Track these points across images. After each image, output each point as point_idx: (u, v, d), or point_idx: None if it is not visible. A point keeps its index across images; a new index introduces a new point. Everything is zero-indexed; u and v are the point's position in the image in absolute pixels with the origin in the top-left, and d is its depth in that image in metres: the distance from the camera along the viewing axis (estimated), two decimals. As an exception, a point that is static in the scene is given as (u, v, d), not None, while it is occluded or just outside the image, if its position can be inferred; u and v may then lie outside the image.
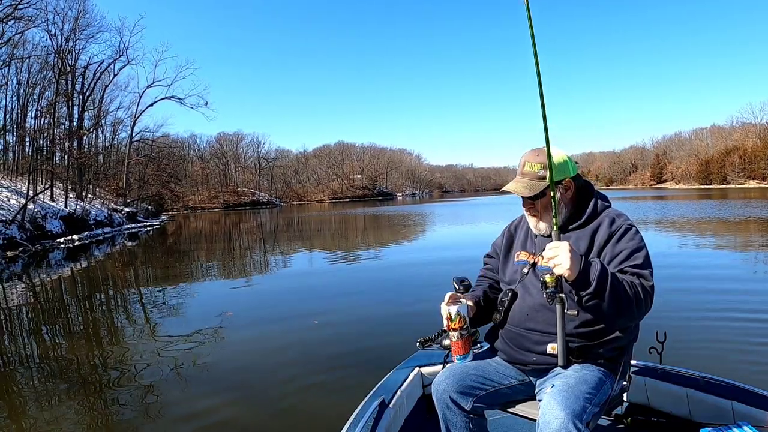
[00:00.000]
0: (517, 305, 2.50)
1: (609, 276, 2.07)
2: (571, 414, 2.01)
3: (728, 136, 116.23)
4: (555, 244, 2.09)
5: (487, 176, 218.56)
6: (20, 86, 42.06)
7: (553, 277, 2.11)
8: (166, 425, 4.72)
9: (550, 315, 2.32)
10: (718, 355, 5.78)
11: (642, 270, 2.21)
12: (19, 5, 32.29)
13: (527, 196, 2.46)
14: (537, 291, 2.39)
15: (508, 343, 2.52)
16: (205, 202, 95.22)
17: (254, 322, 8.54)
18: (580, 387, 2.17)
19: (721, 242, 17.03)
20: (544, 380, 2.41)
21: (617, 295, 2.07)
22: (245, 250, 23.63)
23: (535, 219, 2.52)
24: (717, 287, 9.36)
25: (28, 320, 9.82)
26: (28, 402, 5.44)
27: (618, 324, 2.29)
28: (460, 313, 2.51)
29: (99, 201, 44.30)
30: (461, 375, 2.47)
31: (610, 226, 2.35)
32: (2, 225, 25.05)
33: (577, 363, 2.33)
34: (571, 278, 2.04)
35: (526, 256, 2.56)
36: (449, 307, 2.50)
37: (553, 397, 2.09)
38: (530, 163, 2.46)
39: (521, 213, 2.73)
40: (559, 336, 2.25)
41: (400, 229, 28.70)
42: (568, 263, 2.01)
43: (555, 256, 2.05)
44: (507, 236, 2.77)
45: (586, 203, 2.47)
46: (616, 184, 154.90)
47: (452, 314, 2.50)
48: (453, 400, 2.43)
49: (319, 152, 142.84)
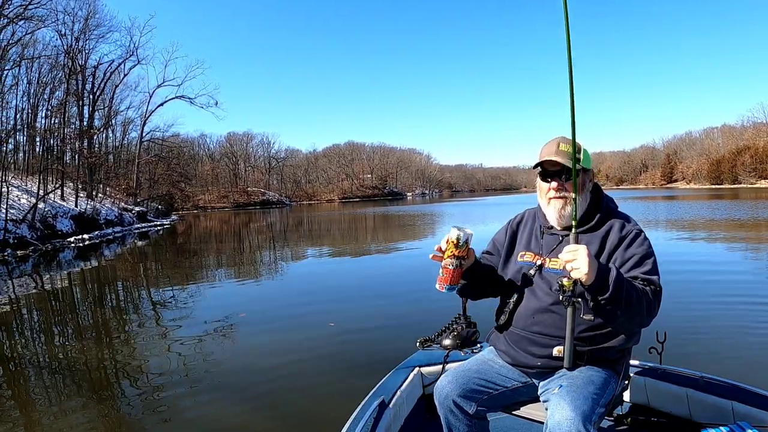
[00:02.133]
0: (522, 307, 2.47)
1: (624, 282, 2.06)
2: (581, 415, 2.00)
3: (739, 136, 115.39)
4: (573, 247, 2.05)
5: (496, 176, 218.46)
6: (31, 86, 42.30)
7: (570, 281, 2.06)
8: (174, 426, 4.73)
9: (557, 318, 2.32)
10: (718, 355, 5.77)
11: (652, 276, 2.21)
12: (29, 5, 32.46)
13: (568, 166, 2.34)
14: (544, 293, 2.39)
15: (513, 345, 2.49)
16: (215, 201, 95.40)
17: (265, 322, 8.52)
18: (587, 388, 2.17)
19: (722, 242, 16.99)
20: (548, 382, 2.39)
21: (630, 301, 2.05)
22: (255, 249, 23.66)
23: (561, 203, 2.42)
24: (717, 287, 9.37)
25: (39, 319, 9.88)
26: (38, 401, 5.47)
27: (627, 329, 2.29)
28: (468, 242, 2.41)
29: (109, 200, 44.50)
30: (464, 379, 2.46)
31: (620, 231, 2.33)
32: (13, 224, 25.20)
33: (582, 364, 2.32)
34: (588, 283, 2.00)
35: (531, 257, 2.52)
36: (459, 231, 2.39)
37: (562, 398, 2.09)
38: (565, 144, 2.38)
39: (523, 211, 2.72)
40: (567, 339, 2.21)
41: (410, 230, 28.68)
42: (587, 268, 1.98)
43: (573, 259, 2.01)
44: (509, 233, 2.71)
45: (597, 207, 2.46)
46: (626, 184, 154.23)
47: (461, 239, 2.38)
48: (456, 404, 2.42)
49: (329, 152, 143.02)
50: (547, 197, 2.48)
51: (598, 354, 2.33)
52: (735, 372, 3.55)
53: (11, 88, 39.97)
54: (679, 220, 25.32)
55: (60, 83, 43.75)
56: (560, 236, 2.45)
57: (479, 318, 3.61)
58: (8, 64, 36.03)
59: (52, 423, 4.83)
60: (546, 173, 2.46)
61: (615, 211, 2.47)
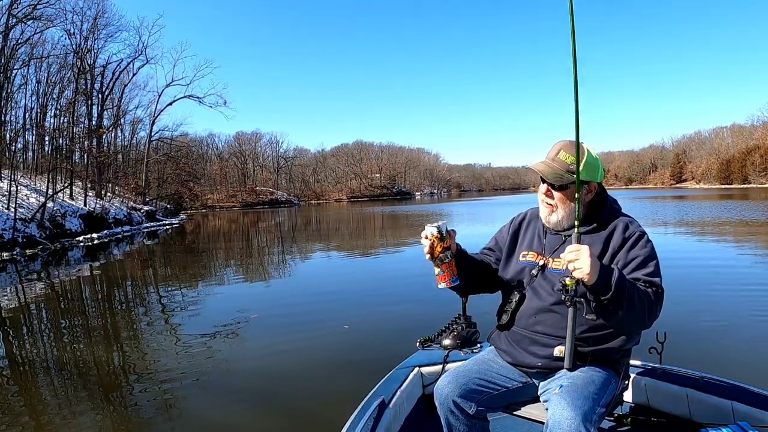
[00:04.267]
0: (524, 307, 2.47)
1: (626, 283, 2.06)
2: (581, 415, 2.01)
3: (749, 135, 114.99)
4: (575, 247, 2.05)
5: (505, 175, 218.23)
6: (39, 85, 42.56)
7: (573, 281, 2.06)
8: (182, 427, 4.74)
9: (558, 318, 2.33)
10: (718, 355, 5.78)
11: (654, 278, 2.22)
12: (38, 5, 32.68)
13: (551, 182, 2.41)
14: (546, 294, 2.40)
15: (514, 345, 2.50)
16: (223, 200, 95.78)
17: (275, 324, 8.40)
18: (588, 388, 2.18)
19: (722, 242, 16.95)
20: (548, 382, 2.39)
21: (632, 303, 2.06)
22: (263, 249, 23.67)
23: (548, 210, 2.47)
24: (717, 287, 9.37)
25: (47, 318, 9.89)
26: (47, 400, 5.48)
27: (628, 330, 2.30)
28: (446, 230, 2.43)
29: (118, 199, 44.68)
30: (464, 379, 2.46)
31: (623, 232, 2.34)
32: (22, 223, 25.33)
33: (583, 365, 2.32)
34: (590, 283, 2.01)
35: (534, 257, 2.52)
36: (435, 224, 2.41)
37: (563, 398, 2.09)
38: (565, 153, 2.39)
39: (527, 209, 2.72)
40: (568, 339, 2.22)
41: (417, 230, 28.62)
42: (588, 268, 1.98)
43: (576, 259, 2.02)
44: (512, 231, 2.71)
45: (601, 208, 2.46)
46: (635, 184, 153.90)
47: (442, 230, 2.41)
48: (456, 404, 2.41)
49: (338, 151, 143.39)
50: (539, 199, 2.54)
51: (598, 354, 2.34)
52: (735, 372, 3.53)
53: (20, 87, 40.39)
54: (682, 221, 25.29)
55: (69, 83, 44.01)
56: (563, 236, 2.46)
57: (479, 318, 3.61)
58: (17, 63, 36.34)
59: (61, 422, 4.85)
60: (541, 176, 2.46)
61: (619, 212, 2.47)
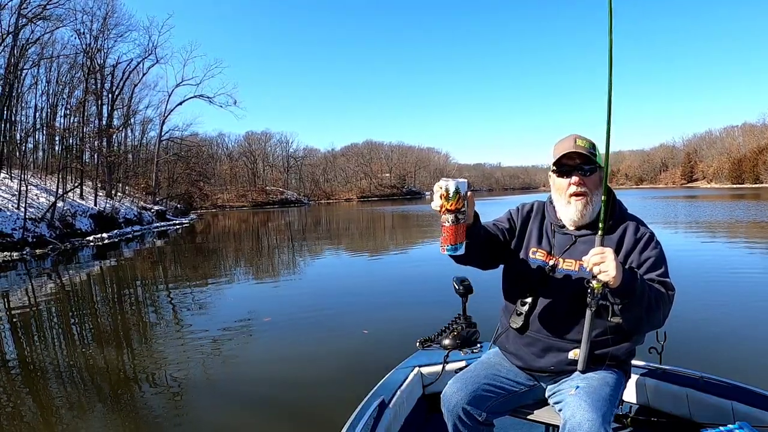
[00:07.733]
0: (537, 310, 2.43)
1: (646, 285, 2.07)
2: (601, 416, 2.01)
3: (761, 134, 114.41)
4: (600, 249, 2.01)
5: (515, 175, 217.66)
6: (49, 85, 43.02)
7: (600, 284, 2.02)
8: (191, 428, 4.76)
9: (572, 321, 2.32)
10: (718, 355, 5.77)
11: (666, 279, 2.23)
12: (48, 5, 32.86)
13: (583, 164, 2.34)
14: (559, 296, 2.37)
15: (525, 349, 2.47)
16: (233, 200, 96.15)
17: (286, 327, 8.29)
18: (604, 389, 2.19)
19: (722, 242, 16.94)
20: (558, 384, 2.39)
21: (650, 304, 2.07)
22: (274, 249, 23.74)
23: (582, 201, 2.36)
24: (717, 287, 9.36)
25: (57, 318, 9.92)
26: (56, 400, 5.50)
27: (643, 330, 2.31)
28: (460, 191, 2.07)
29: (128, 199, 44.99)
30: (473, 386, 2.41)
31: (635, 233, 2.33)
32: (32, 223, 25.50)
33: (594, 367, 2.31)
34: (615, 285, 1.98)
35: (543, 256, 2.46)
36: (447, 181, 2.08)
37: (582, 399, 2.09)
38: (581, 140, 2.34)
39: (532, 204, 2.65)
40: (584, 342, 2.20)
41: (429, 230, 28.61)
42: (614, 271, 1.95)
43: (601, 262, 1.97)
44: (522, 217, 2.62)
45: (612, 207, 2.40)
46: (646, 183, 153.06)
47: (450, 191, 2.06)
48: (466, 411, 2.37)
49: (347, 151, 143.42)
50: (567, 195, 2.39)
51: (610, 355, 2.33)
52: (735, 372, 3.52)
53: (30, 87, 40.72)
54: (687, 221, 25.25)
55: (79, 82, 44.35)
56: (573, 236, 2.42)
57: (479, 318, 3.61)
58: (27, 63, 36.55)
59: (71, 421, 4.90)
60: (564, 169, 2.39)
61: (627, 213, 2.45)
